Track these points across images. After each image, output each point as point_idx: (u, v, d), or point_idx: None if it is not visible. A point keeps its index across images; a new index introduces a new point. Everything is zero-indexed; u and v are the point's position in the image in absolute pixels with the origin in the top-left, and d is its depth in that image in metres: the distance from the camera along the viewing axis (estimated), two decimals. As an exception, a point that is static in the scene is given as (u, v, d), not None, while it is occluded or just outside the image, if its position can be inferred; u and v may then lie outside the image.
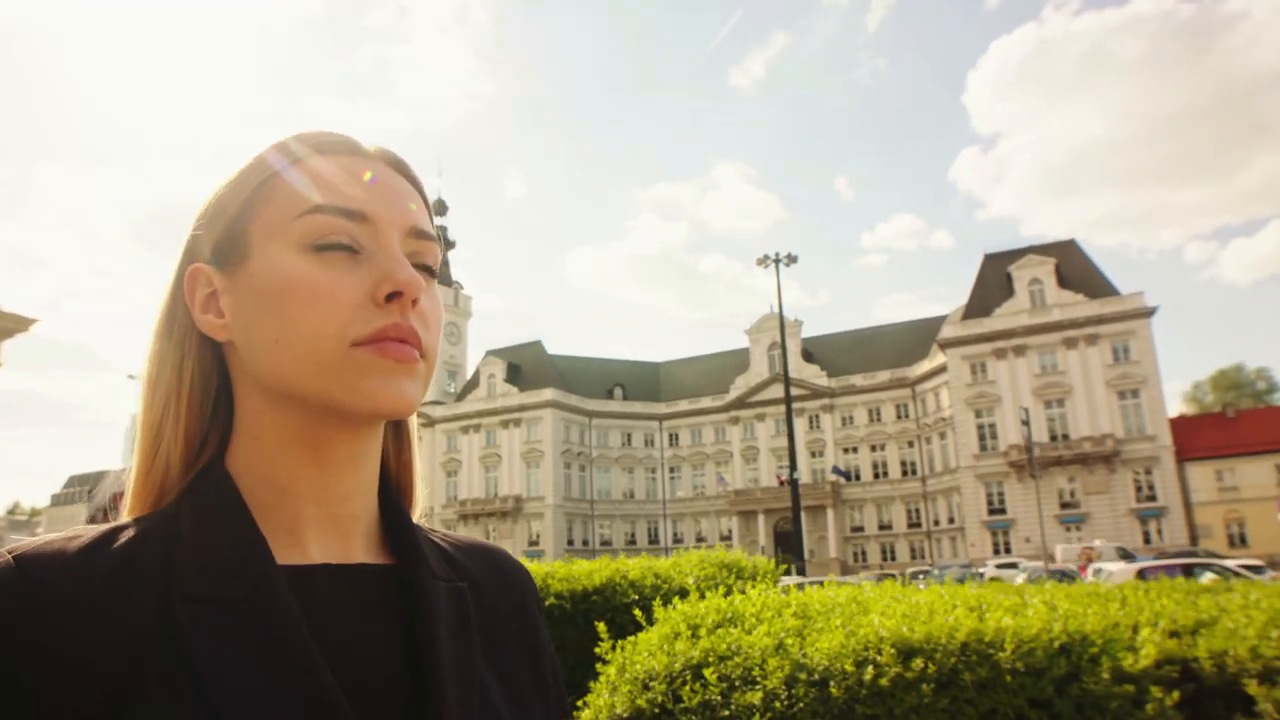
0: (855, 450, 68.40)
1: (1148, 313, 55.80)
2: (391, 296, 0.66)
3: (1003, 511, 56.50)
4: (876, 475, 67.43)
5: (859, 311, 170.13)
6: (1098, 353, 56.25)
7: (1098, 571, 21.73)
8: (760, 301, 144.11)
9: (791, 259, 43.83)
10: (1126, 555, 34.11)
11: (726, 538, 70.40)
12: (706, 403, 75.40)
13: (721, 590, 4.79)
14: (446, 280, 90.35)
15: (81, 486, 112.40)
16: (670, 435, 77.13)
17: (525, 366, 76.66)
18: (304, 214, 0.66)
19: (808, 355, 72.81)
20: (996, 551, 54.43)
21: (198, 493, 0.66)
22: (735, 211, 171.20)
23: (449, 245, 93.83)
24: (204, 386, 0.71)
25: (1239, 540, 51.84)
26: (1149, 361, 55.22)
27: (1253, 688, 3.32)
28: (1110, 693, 3.43)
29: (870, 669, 3.66)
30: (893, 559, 63.80)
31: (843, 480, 65.54)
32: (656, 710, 3.65)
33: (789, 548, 55.03)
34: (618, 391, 79.48)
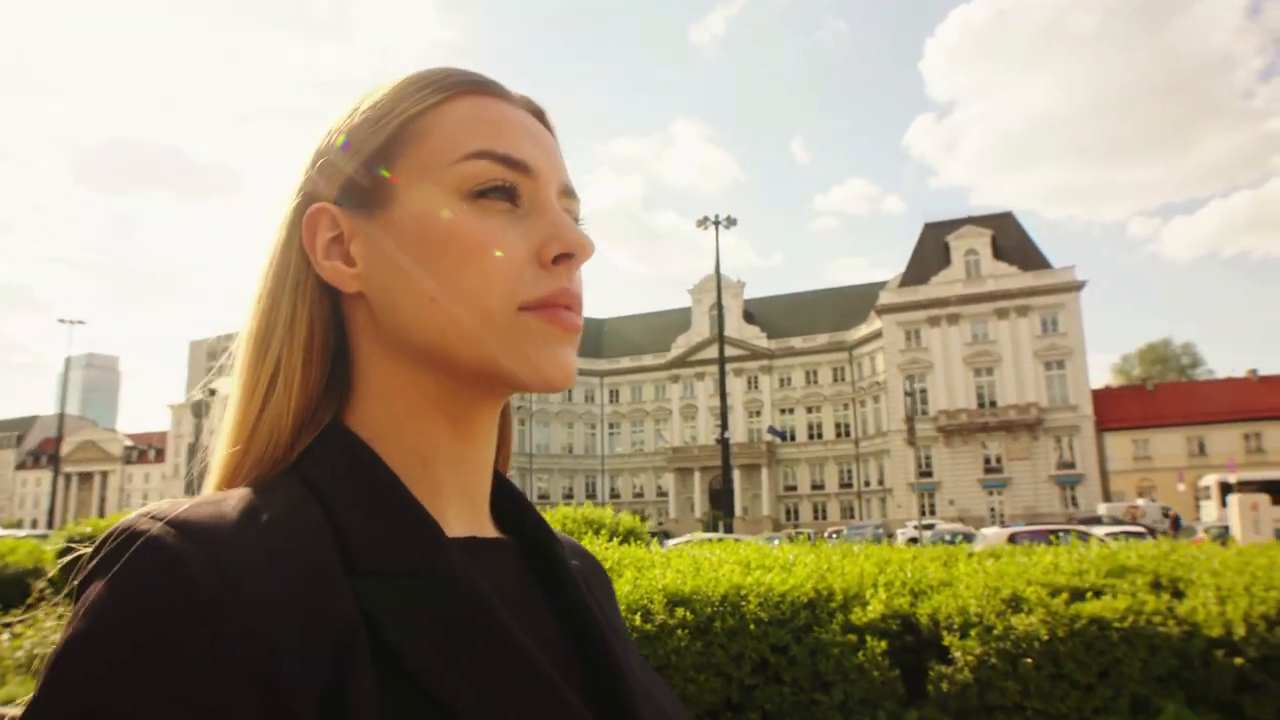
0: (792, 411, 69.71)
1: (1077, 286, 57.45)
2: (559, 258, 0.61)
3: (930, 474, 58.16)
4: (811, 436, 68.87)
5: (810, 274, 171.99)
6: (1027, 324, 57.86)
7: (963, 536, 22.84)
8: (710, 261, 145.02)
9: (731, 221, 44.09)
10: (1168, 516, 36.00)
11: (663, 494, 71.57)
12: (648, 360, 76.09)
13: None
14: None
15: (11, 432, 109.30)
16: (611, 391, 77.86)
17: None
18: (464, 158, 0.60)
19: (749, 316, 73.70)
20: (923, 513, 55.90)
21: (332, 461, 0.59)
22: (692, 169, 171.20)
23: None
24: (323, 342, 0.63)
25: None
26: (1076, 334, 56.97)
27: (948, 639, 3.84)
28: (836, 640, 3.93)
29: (639, 616, 4.10)
30: (824, 518, 65.42)
31: (778, 440, 66.76)
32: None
33: (723, 504, 56.16)
34: (561, 346, 79.66)
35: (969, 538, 25.51)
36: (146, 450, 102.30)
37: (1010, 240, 61.34)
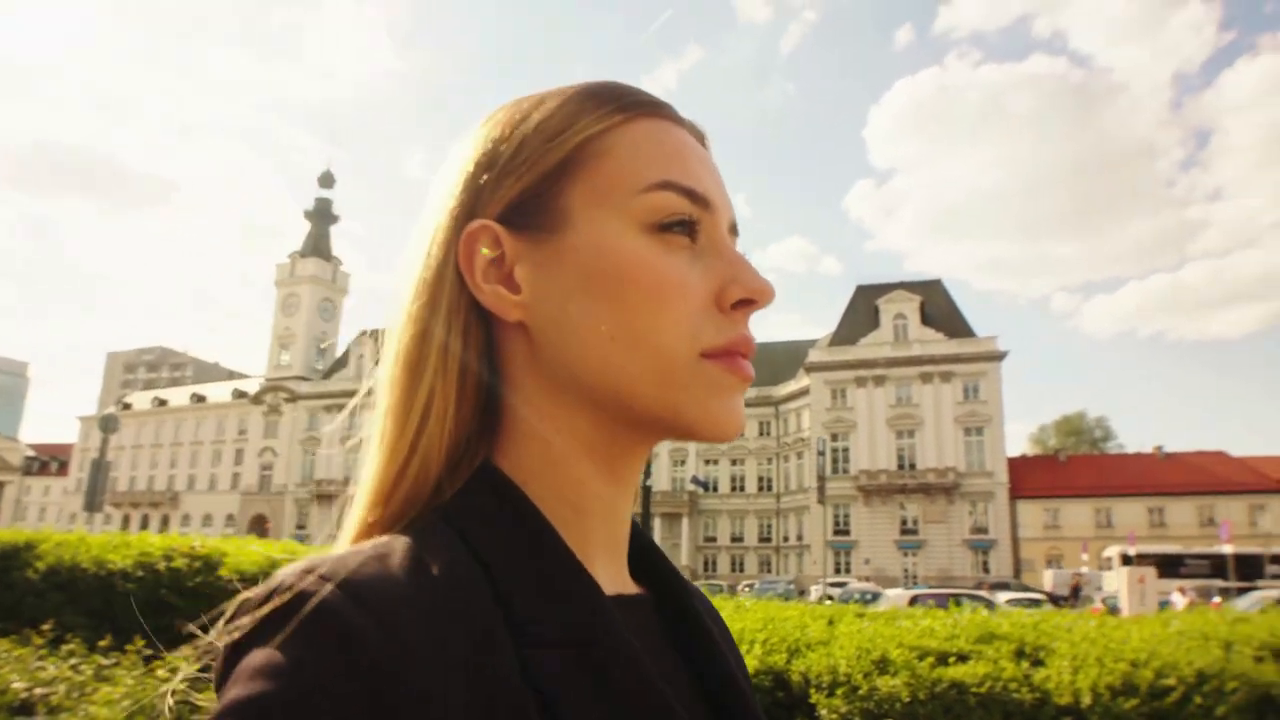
0: (716, 462, 70.07)
1: (999, 356, 59.26)
2: (740, 303, 0.57)
3: (847, 533, 58.95)
4: (734, 489, 69.26)
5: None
6: (950, 389, 59.39)
7: (873, 595, 23.26)
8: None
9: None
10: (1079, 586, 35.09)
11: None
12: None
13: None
14: (326, 254, 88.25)
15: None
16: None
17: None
18: (649, 188, 0.56)
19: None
20: (838, 570, 56.74)
21: (486, 508, 0.54)
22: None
23: (331, 220, 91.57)
24: (476, 373, 0.57)
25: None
26: (995, 402, 58.63)
27: (815, 696, 3.94)
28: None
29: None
30: (742, 570, 65.62)
31: (701, 490, 67.02)
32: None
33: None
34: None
35: (875, 597, 25.91)
36: (49, 462, 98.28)
37: (938, 307, 63.12)
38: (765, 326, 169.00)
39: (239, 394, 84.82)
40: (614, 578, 0.59)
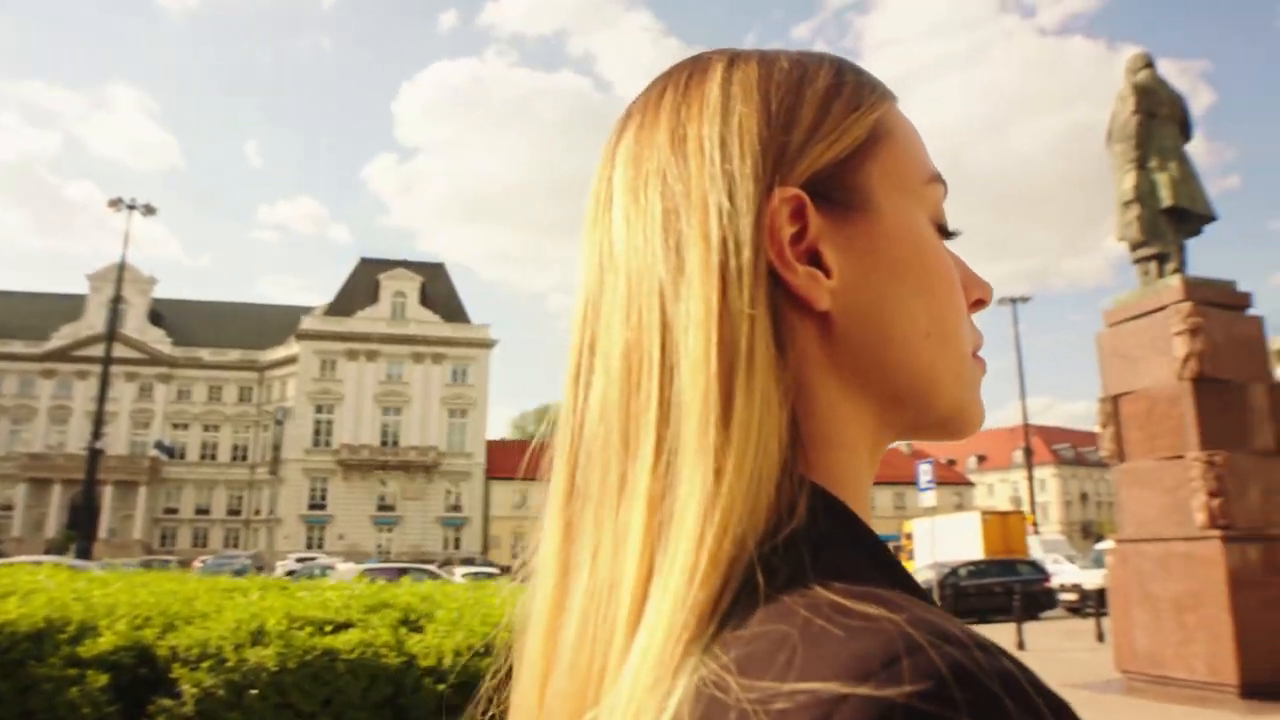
0: (187, 427, 64.44)
1: (490, 344, 62.52)
2: (975, 305, 0.55)
3: (323, 507, 57.79)
4: (204, 456, 64.25)
5: (240, 285, 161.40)
6: (440, 371, 61.25)
7: (327, 569, 23.33)
8: (128, 247, 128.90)
9: (150, 209, 40.31)
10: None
11: (7, 508, 60.64)
12: (19, 347, 64.61)
13: None
14: None
15: None
16: (-43, 378, 64.47)
17: None
18: (931, 180, 0.53)
19: (156, 317, 66.93)
20: (310, 545, 55.34)
21: (836, 538, 0.43)
22: (127, 142, 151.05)
23: None
24: (781, 367, 0.45)
25: (522, 550, 59.43)
26: (482, 387, 61.78)
27: (177, 670, 3.81)
28: (53, 675, 3.65)
29: None
30: (205, 545, 61.06)
31: (165, 457, 60.97)
32: None
33: (82, 524, 49.44)
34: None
35: (327, 570, 25.76)
36: None
37: (439, 290, 64.66)
38: (260, 287, 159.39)
39: None
40: None
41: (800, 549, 0.41)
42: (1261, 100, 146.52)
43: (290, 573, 26.05)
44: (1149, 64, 10.72)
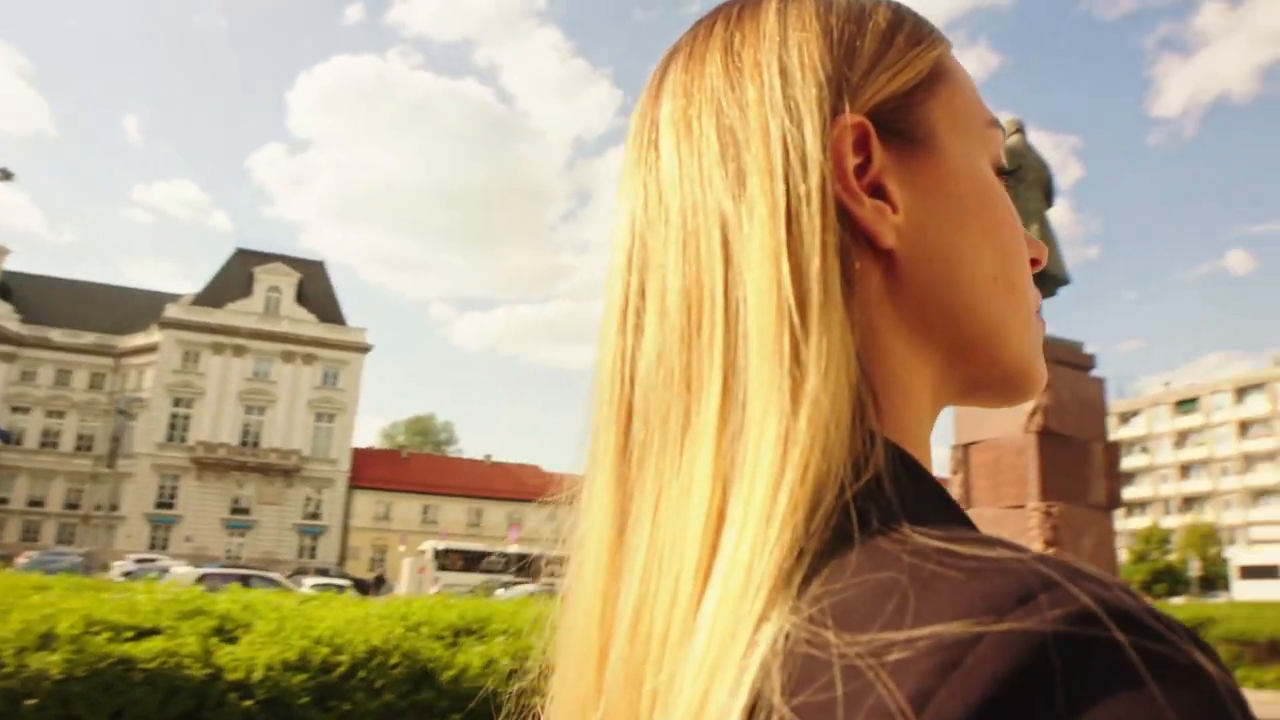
0: (28, 411, 60.17)
1: (365, 348, 60.77)
2: (1030, 265, 0.51)
3: (171, 506, 54.85)
4: (45, 444, 60.10)
5: (105, 266, 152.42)
6: (310, 372, 59.15)
7: (164, 572, 22.29)
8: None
9: (6, 174, 37.79)
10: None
11: None
12: None
13: None
14: None
15: None
16: None
17: None
18: (990, 124, 0.50)
19: (4, 290, 62.52)
20: (154, 546, 52.36)
21: (918, 497, 0.40)
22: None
23: None
24: (850, 305, 0.42)
25: (379, 563, 58.15)
26: (353, 392, 59.94)
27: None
28: None
29: None
30: (36, 540, 56.95)
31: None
32: None
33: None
34: None
35: (163, 573, 24.38)
36: None
37: (316, 288, 62.59)
38: (129, 270, 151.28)
39: None
40: None
41: (887, 495, 0.38)
42: (1126, 179, 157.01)
43: (127, 574, 24.45)
44: (1020, 129, 11.27)
